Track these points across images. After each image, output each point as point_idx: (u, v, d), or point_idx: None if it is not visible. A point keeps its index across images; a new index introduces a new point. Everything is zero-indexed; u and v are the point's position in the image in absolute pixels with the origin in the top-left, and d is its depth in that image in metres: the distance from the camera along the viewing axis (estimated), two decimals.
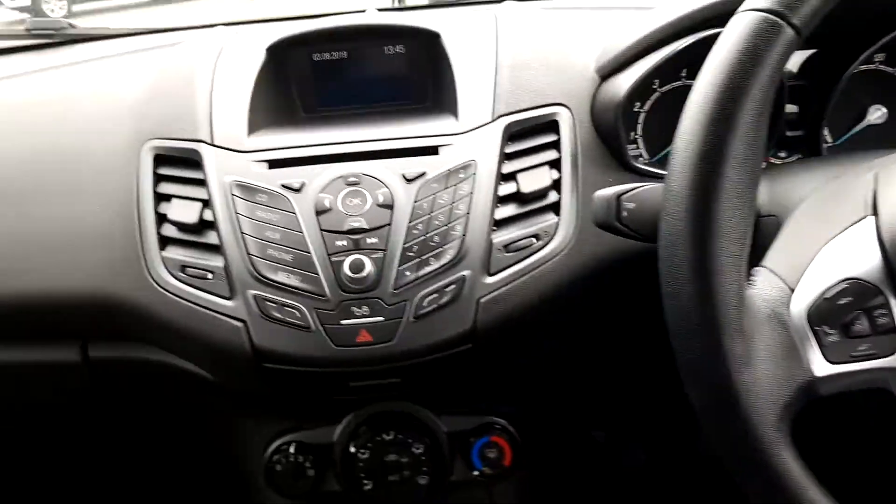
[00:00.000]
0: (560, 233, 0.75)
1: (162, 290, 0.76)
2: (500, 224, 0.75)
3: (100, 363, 0.88)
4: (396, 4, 1.41)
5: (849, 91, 0.80)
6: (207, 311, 0.74)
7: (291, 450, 0.86)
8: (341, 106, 0.90)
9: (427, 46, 0.87)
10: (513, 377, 0.87)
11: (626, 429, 1.38)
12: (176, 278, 0.76)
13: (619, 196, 0.58)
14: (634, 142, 0.81)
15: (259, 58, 0.85)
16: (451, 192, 0.74)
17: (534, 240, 0.75)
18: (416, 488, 0.85)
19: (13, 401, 0.98)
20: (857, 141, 0.84)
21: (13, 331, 0.87)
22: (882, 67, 0.83)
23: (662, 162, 0.81)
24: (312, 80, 0.89)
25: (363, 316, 0.72)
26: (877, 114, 0.82)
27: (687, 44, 0.73)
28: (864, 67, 0.81)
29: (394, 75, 0.89)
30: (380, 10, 1.10)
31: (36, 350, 0.88)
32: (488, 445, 0.85)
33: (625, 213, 0.58)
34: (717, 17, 0.70)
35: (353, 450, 0.85)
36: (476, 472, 0.86)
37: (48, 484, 1.28)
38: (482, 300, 0.73)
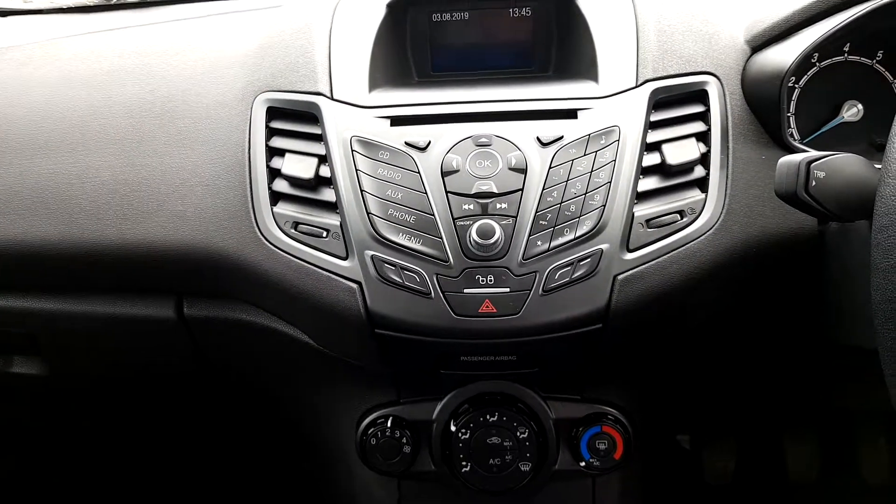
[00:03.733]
0: (707, 210, 0.69)
1: (272, 247, 0.73)
2: (641, 197, 0.69)
3: (195, 321, 0.86)
4: None
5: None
6: (320, 271, 0.71)
7: (388, 424, 0.82)
8: (456, 71, 0.85)
9: (558, 9, 0.82)
10: (631, 363, 0.82)
11: (712, 434, 1.31)
12: (287, 235, 0.73)
13: (809, 163, 0.52)
14: (787, 119, 0.74)
15: (379, 14, 0.81)
16: (590, 158, 0.69)
17: (678, 216, 0.69)
18: (517, 474, 0.81)
19: (110, 357, 0.97)
20: None
21: (110, 281, 0.85)
22: None
23: (816, 142, 0.74)
24: (429, 42, 0.85)
25: (487, 286, 0.67)
26: None
27: (862, 13, 0.65)
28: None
29: (517, 40, 0.84)
30: None
31: (132, 304, 0.87)
32: (599, 436, 0.80)
33: (814, 183, 0.52)
34: None
35: (453, 429, 0.81)
36: (583, 464, 0.81)
37: (130, 438, 1.28)
38: (619, 277, 0.67)
